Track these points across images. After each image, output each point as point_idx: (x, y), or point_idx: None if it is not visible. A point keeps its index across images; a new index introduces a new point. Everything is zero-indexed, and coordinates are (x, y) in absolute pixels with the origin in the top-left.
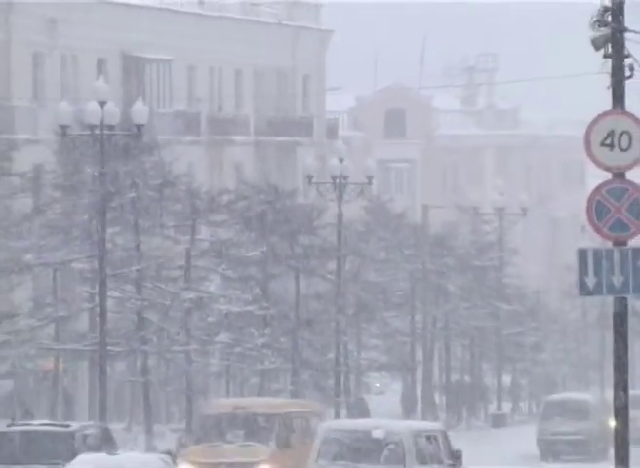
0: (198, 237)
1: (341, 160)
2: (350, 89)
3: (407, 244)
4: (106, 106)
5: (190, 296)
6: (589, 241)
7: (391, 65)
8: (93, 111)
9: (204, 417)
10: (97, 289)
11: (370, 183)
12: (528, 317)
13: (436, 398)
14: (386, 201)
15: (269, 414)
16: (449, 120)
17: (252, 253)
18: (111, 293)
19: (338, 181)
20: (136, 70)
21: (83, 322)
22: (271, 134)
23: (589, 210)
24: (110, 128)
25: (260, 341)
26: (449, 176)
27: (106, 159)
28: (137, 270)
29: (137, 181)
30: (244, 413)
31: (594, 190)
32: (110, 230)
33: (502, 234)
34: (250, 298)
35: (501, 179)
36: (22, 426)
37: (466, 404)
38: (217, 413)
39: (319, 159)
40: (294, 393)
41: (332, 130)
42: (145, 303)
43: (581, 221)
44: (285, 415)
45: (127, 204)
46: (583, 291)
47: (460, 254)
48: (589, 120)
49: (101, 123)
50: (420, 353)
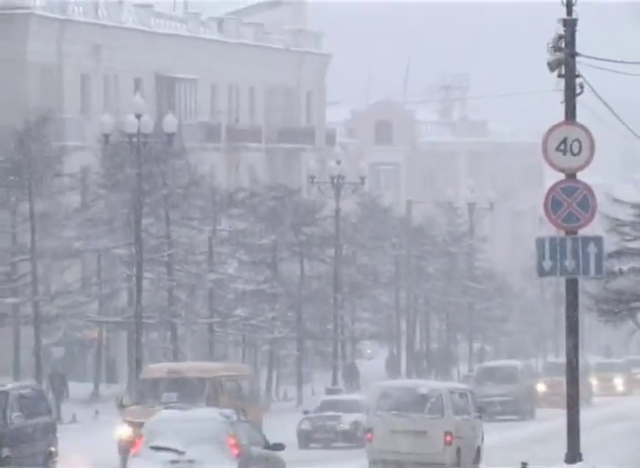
0: (218, 228)
1: (339, 163)
2: (346, 104)
3: (393, 233)
4: (142, 118)
5: (212, 277)
6: (546, 231)
7: (381, 84)
8: (131, 122)
9: (141, 381)
10: (134, 270)
11: (362, 183)
12: (495, 294)
13: (423, 363)
14: (376, 197)
15: (200, 378)
16: (428, 130)
17: (263, 241)
18: (146, 275)
19: (335, 181)
20: (167, 88)
21: (122, 298)
22: (279, 141)
23: (546, 204)
24: (145, 136)
25: (271, 315)
26: (428, 177)
27: (142, 162)
28: (167, 255)
29: (167, 181)
30: (177, 377)
31: (550, 188)
32: (145, 221)
33: (473, 225)
34: (262, 279)
35: (472, 179)
36: None
37: (436, 367)
38: (152, 377)
39: (320, 162)
40: (299, 358)
41: (330, 138)
42: (175, 283)
43: (539, 214)
44: (215, 378)
45: (159, 200)
46: (541, 272)
47: (438, 242)
48: (546, 129)
49: (138, 132)
50: (404, 324)
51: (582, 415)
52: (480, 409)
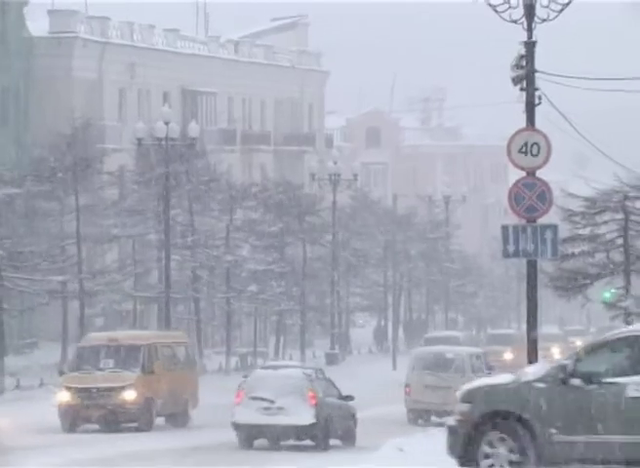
0: (234, 217)
1: (335, 163)
2: (341, 113)
3: (381, 222)
4: (170, 125)
5: (229, 259)
6: (510, 220)
7: (371, 97)
8: (160, 128)
9: (80, 348)
10: (163, 253)
11: (355, 180)
12: (467, 273)
13: (400, 332)
14: (367, 192)
15: (136, 345)
16: (411, 135)
17: (272, 229)
18: (173, 257)
19: (333, 178)
20: (190, 100)
21: (153, 277)
22: (286, 144)
23: (510, 198)
24: (172, 140)
25: (278, 290)
26: (410, 174)
27: (169, 162)
28: (191, 240)
29: (191, 178)
30: (115, 345)
31: (513, 184)
32: (172, 212)
33: (449, 215)
34: (270, 260)
35: (448, 176)
36: None
37: (417, 334)
38: (91, 345)
39: (319, 162)
40: (302, 327)
41: (328, 142)
42: (197, 264)
43: (504, 206)
44: (150, 345)
45: (184, 194)
46: (506, 254)
47: (419, 229)
48: (510, 134)
49: (166, 136)
50: (391, 298)
51: None
52: (489, 368)
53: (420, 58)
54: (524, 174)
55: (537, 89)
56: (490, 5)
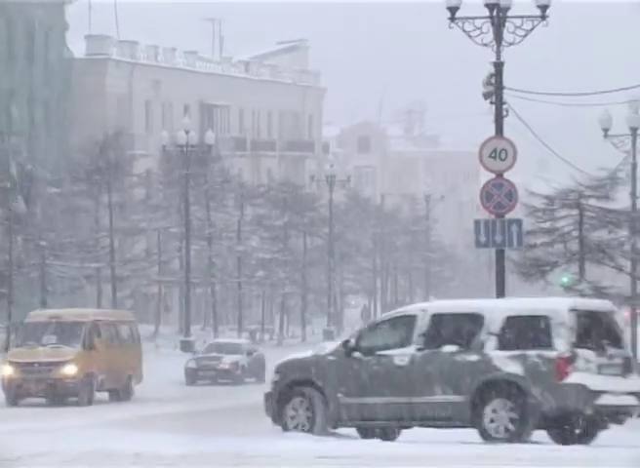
0: (245, 213)
1: (331, 166)
2: (337, 124)
3: (371, 217)
4: (189, 134)
5: (240, 249)
6: (481, 215)
7: (362, 109)
8: (181, 136)
9: (25, 325)
10: (184, 244)
11: (348, 181)
12: (444, 261)
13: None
14: (358, 191)
15: (78, 322)
16: (396, 142)
17: (277, 223)
18: (192, 247)
19: (329, 179)
20: (207, 112)
21: (175, 264)
22: (289, 150)
23: (481, 196)
24: (192, 147)
25: (282, 275)
26: (396, 176)
27: (189, 165)
28: (208, 233)
29: (207, 179)
30: (57, 321)
31: (484, 184)
32: (192, 208)
33: (429, 211)
34: (276, 250)
35: (428, 178)
36: None
37: None
38: (35, 322)
39: (318, 166)
40: (302, 307)
41: (325, 148)
42: (213, 253)
43: (477, 203)
44: (92, 323)
45: (202, 193)
46: (478, 245)
47: (403, 223)
48: (482, 142)
49: (187, 143)
50: (379, 282)
51: None
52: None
53: (405, 76)
54: (493, 175)
55: (504, 103)
56: (464, 31)
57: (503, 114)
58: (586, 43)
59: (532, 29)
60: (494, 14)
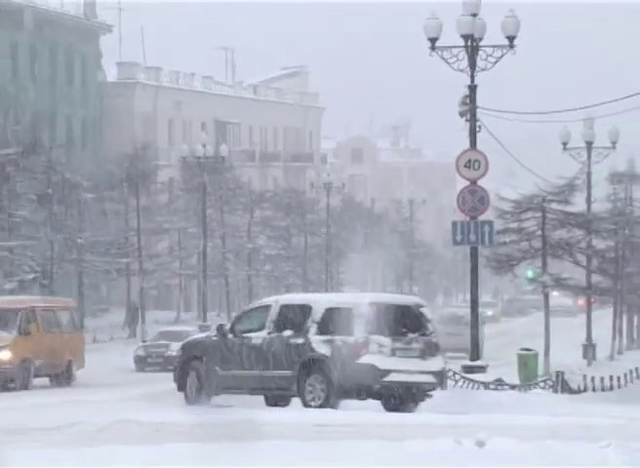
0: (254, 215)
1: (328, 175)
2: (333, 138)
3: (363, 219)
4: (206, 147)
5: (249, 246)
6: (458, 217)
7: (355, 125)
8: (199, 149)
9: None
10: (201, 242)
11: (343, 187)
12: (426, 256)
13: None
14: (352, 196)
15: (14, 309)
16: (384, 154)
17: (281, 224)
18: (208, 245)
19: (326, 186)
20: (221, 128)
21: (194, 259)
22: (292, 161)
23: (458, 200)
24: (208, 158)
25: (287, 269)
26: (385, 184)
27: (206, 174)
28: (222, 232)
29: (221, 186)
30: None
31: (461, 190)
32: (208, 211)
33: (412, 213)
34: (280, 247)
35: (412, 185)
36: None
37: None
38: None
39: (317, 174)
40: None
41: (324, 159)
42: (226, 250)
43: (454, 207)
44: (28, 309)
45: (217, 198)
46: (455, 243)
47: (391, 224)
48: (458, 153)
49: (204, 155)
50: (370, 275)
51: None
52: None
53: (393, 97)
54: (468, 183)
55: (477, 120)
56: (443, 58)
57: (477, 130)
58: (549, 68)
59: (501, 57)
60: (468, 43)
